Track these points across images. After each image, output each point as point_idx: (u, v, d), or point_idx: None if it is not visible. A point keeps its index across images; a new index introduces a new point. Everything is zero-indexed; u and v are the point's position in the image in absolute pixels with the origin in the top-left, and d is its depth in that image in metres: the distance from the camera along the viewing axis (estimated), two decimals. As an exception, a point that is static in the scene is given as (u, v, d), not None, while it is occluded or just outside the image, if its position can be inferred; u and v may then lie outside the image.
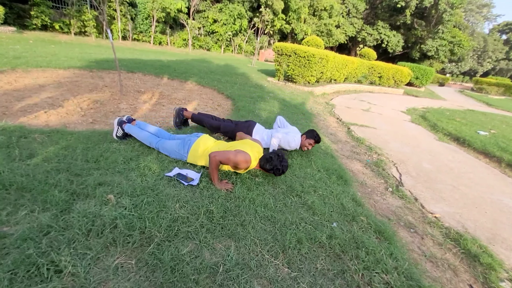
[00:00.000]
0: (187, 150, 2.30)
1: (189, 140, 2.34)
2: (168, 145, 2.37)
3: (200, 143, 2.30)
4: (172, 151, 2.35)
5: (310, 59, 7.66)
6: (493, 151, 4.61)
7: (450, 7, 21.22)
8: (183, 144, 2.33)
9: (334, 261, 1.60)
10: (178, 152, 2.32)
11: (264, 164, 2.20)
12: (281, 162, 2.17)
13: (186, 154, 2.30)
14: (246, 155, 2.10)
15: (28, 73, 4.45)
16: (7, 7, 9.73)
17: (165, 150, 2.38)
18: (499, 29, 43.65)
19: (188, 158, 2.31)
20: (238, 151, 2.11)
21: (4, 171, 1.74)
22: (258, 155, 2.29)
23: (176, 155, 2.34)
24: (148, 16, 14.34)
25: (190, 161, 2.32)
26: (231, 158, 2.06)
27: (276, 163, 2.16)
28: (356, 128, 5.05)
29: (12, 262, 1.17)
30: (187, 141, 2.33)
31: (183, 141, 2.35)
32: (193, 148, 2.28)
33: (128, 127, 2.53)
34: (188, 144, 2.31)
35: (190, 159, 2.31)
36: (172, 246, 1.44)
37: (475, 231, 2.32)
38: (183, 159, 2.33)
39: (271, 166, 2.17)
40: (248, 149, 2.17)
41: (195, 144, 2.30)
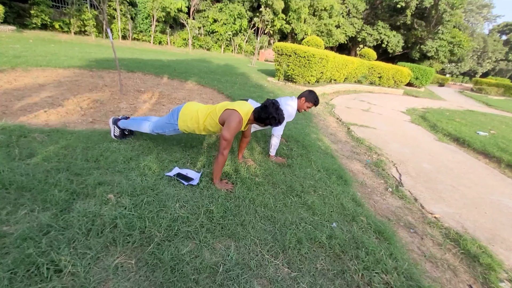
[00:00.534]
0: (176, 118, 2.22)
1: (177, 108, 2.28)
2: (159, 122, 2.34)
3: (188, 106, 2.24)
4: (164, 125, 2.30)
5: (310, 59, 7.66)
6: (492, 152, 4.62)
7: (450, 8, 21.23)
8: (171, 114, 2.27)
9: (334, 261, 1.61)
10: (169, 123, 2.26)
11: (259, 114, 2.05)
12: (277, 110, 2.03)
13: (176, 122, 2.22)
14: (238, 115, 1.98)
15: (28, 72, 4.45)
16: (7, 6, 9.72)
17: (158, 128, 2.34)
18: (499, 29, 43.69)
19: (179, 125, 2.21)
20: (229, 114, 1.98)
21: (4, 170, 1.73)
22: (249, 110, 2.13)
23: (169, 127, 2.28)
24: (148, 16, 14.33)
25: (181, 127, 2.22)
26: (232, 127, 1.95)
27: (272, 111, 2.02)
28: (356, 128, 5.06)
29: (12, 261, 1.17)
30: (175, 110, 2.27)
31: (172, 112, 2.30)
32: (181, 112, 2.21)
33: (122, 122, 2.52)
34: (177, 111, 2.24)
35: (180, 124, 2.20)
36: (172, 245, 1.44)
37: (475, 231, 2.32)
38: (175, 128, 2.25)
39: (267, 114, 2.02)
40: (236, 106, 2.04)
41: (183, 108, 2.23)
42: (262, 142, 3.23)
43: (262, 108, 2.06)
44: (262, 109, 2.05)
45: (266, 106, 2.04)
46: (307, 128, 4.23)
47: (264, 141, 3.26)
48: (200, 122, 2.14)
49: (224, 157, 2.01)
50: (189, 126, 2.20)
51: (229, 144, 1.99)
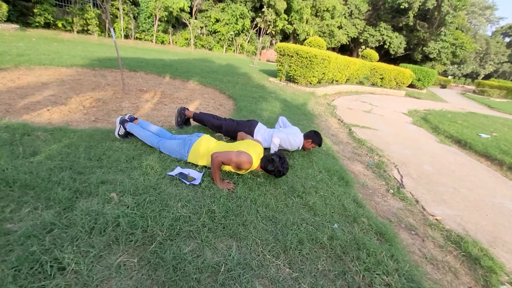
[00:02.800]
0: (187, 150, 2.30)
1: (190, 140, 2.35)
2: (168, 145, 2.38)
3: (201, 143, 2.31)
4: (172, 151, 2.36)
5: (312, 59, 7.66)
6: (494, 154, 4.61)
7: (453, 9, 21.18)
8: (183, 144, 2.34)
9: (335, 262, 1.61)
10: (179, 151, 2.33)
11: (265, 166, 2.21)
12: (282, 164, 2.18)
13: (186, 154, 2.31)
14: (248, 156, 2.11)
15: (31, 71, 4.47)
16: (11, 5, 9.76)
17: (165, 149, 2.39)
18: (502, 31, 43.54)
19: (188, 157, 2.31)
20: (240, 152, 2.12)
21: (8, 169, 1.75)
22: (260, 155, 2.29)
23: (177, 155, 2.35)
24: (151, 15, 14.36)
25: (190, 160, 2.32)
26: (233, 159, 2.06)
27: (277, 165, 2.17)
28: (358, 129, 5.05)
29: (16, 259, 1.18)
30: (188, 141, 2.34)
31: (184, 141, 2.36)
32: (193, 148, 2.29)
33: (130, 126, 2.54)
34: (189, 144, 2.32)
35: (190, 158, 2.31)
36: (174, 245, 1.44)
37: (476, 234, 2.32)
38: (184, 158, 2.34)
39: (273, 168, 2.17)
40: (250, 150, 2.18)
41: (196, 144, 2.30)
42: (263, 142, 3.24)
43: (268, 161, 2.19)
44: (269, 162, 2.19)
45: (273, 160, 2.17)
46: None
47: (265, 142, 3.27)
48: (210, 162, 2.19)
49: (216, 159, 2.05)
50: (198, 161, 2.30)
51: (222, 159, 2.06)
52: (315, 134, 3.00)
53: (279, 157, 2.20)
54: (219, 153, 2.07)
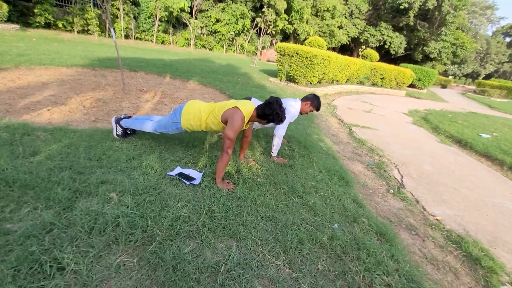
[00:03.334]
0: (179, 116, 2.24)
1: (179, 107, 2.29)
2: (162, 121, 2.35)
3: (189, 104, 2.26)
4: (167, 124, 2.32)
5: (312, 59, 7.66)
6: (495, 154, 4.60)
7: (454, 9, 21.16)
8: (174, 113, 2.29)
9: (335, 262, 1.61)
10: (172, 121, 2.28)
11: (263, 110, 2.05)
12: (280, 107, 2.04)
13: (179, 120, 2.24)
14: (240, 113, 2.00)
15: (31, 71, 4.47)
16: (11, 5, 9.76)
17: (161, 127, 2.36)
18: (503, 31, 43.49)
19: (181, 123, 2.23)
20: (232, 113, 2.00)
21: (8, 168, 1.75)
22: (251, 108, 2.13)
23: (172, 126, 2.29)
24: (151, 15, 14.36)
25: (184, 125, 2.23)
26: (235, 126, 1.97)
27: (275, 107, 2.02)
28: (358, 129, 5.05)
29: (15, 259, 1.17)
30: (178, 109, 2.29)
31: (174, 111, 2.32)
32: (184, 111, 2.22)
33: (125, 121, 2.53)
34: (179, 110, 2.26)
35: (183, 123, 2.22)
36: (174, 245, 1.44)
37: (477, 234, 2.31)
38: (178, 126, 2.27)
39: (271, 111, 2.02)
40: (238, 104, 2.05)
41: (186, 107, 2.24)
42: (263, 142, 3.23)
43: (266, 105, 2.06)
44: (266, 106, 2.05)
45: (270, 102, 2.04)
46: (309, 129, 4.23)
47: (265, 141, 3.27)
48: (203, 120, 2.15)
49: (228, 155, 2.02)
50: (192, 124, 2.22)
51: (233, 143, 2.01)
52: (313, 97, 2.82)
53: (276, 100, 2.06)
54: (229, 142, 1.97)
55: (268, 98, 2.12)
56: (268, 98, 2.11)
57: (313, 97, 2.81)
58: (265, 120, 2.12)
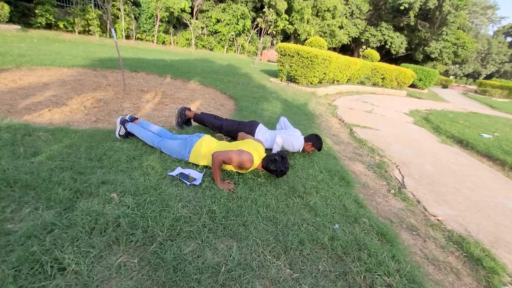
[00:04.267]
0: (189, 150, 2.30)
1: (191, 140, 2.34)
2: (170, 145, 2.37)
3: (203, 143, 2.31)
4: (174, 151, 2.36)
5: (313, 60, 7.65)
6: (496, 154, 4.59)
7: (455, 9, 21.13)
8: (184, 144, 2.33)
9: (336, 262, 1.60)
10: (180, 152, 2.33)
11: (267, 165, 2.22)
12: (284, 164, 2.19)
13: (188, 154, 2.31)
14: (249, 155, 2.11)
15: (33, 71, 4.48)
16: (12, 6, 9.79)
17: (167, 149, 2.39)
18: (504, 31, 43.39)
19: (190, 158, 2.31)
20: (241, 150, 2.12)
21: (9, 169, 1.75)
22: (261, 155, 2.29)
23: (178, 155, 2.35)
24: (152, 16, 14.39)
25: (192, 161, 2.32)
26: (234, 158, 2.06)
27: (280, 165, 2.18)
28: (359, 129, 5.04)
29: (16, 259, 1.18)
30: (189, 141, 2.34)
31: (185, 141, 2.36)
32: (195, 148, 2.29)
33: (131, 126, 2.54)
34: (190, 144, 2.32)
35: (192, 159, 2.31)
36: (174, 245, 1.44)
37: (478, 234, 2.30)
38: (185, 159, 2.33)
39: (275, 168, 2.19)
40: (251, 149, 2.18)
41: (197, 144, 2.30)
42: (264, 142, 3.23)
43: (271, 161, 2.20)
44: (272, 162, 2.20)
45: (275, 160, 2.19)
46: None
47: (266, 142, 3.26)
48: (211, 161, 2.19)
49: (217, 157, 2.04)
50: (200, 161, 2.30)
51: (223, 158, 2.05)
52: (316, 138, 2.99)
53: (281, 157, 2.21)
54: (220, 152, 2.07)
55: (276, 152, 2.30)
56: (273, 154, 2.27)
57: (315, 139, 2.99)
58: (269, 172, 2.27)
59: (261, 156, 2.28)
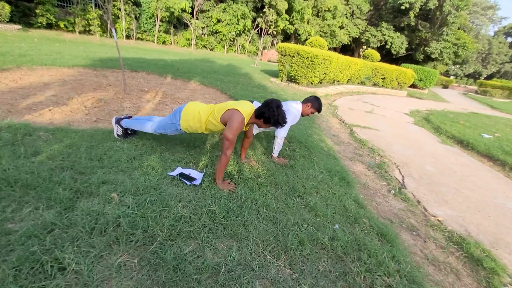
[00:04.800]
0: (178, 118, 2.23)
1: (179, 108, 2.29)
2: (162, 122, 2.35)
3: (189, 106, 2.25)
4: (166, 125, 2.31)
5: (313, 60, 7.65)
6: (497, 155, 4.58)
7: (455, 9, 21.11)
8: (173, 114, 2.29)
9: (336, 263, 1.60)
10: (171, 123, 2.27)
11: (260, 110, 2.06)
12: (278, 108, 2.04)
13: (178, 121, 2.23)
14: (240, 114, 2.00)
15: (33, 71, 4.49)
16: (13, 5, 9.80)
17: (161, 128, 2.35)
18: (505, 31, 43.33)
19: (181, 124, 2.22)
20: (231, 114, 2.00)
21: (9, 168, 1.75)
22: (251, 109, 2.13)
23: (172, 127, 2.29)
24: (152, 16, 14.40)
25: (183, 127, 2.23)
26: (234, 128, 1.96)
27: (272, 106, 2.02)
28: (359, 129, 5.04)
29: (16, 258, 1.18)
30: (177, 110, 2.29)
31: (174, 112, 2.31)
32: (183, 112, 2.21)
33: (125, 121, 2.53)
34: (178, 111, 2.26)
35: (183, 125, 2.22)
36: (174, 245, 1.44)
37: (478, 235, 2.30)
38: (177, 128, 2.26)
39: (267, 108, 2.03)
40: (238, 106, 2.06)
41: (185, 108, 2.24)
42: (264, 142, 3.23)
43: (264, 106, 2.07)
44: (263, 106, 2.07)
45: (267, 103, 2.06)
46: (309, 129, 4.23)
47: (267, 141, 3.27)
48: (202, 121, 2.15)
49: (227, 157, 2.01)
50: (191, 126, 2.21)
51: (232, 144, 2.00)
52: (314, 99, 2.80)
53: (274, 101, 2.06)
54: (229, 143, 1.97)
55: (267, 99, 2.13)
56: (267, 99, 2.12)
57: (313, 99, 2.80)
58: (261, 120, 2.10)
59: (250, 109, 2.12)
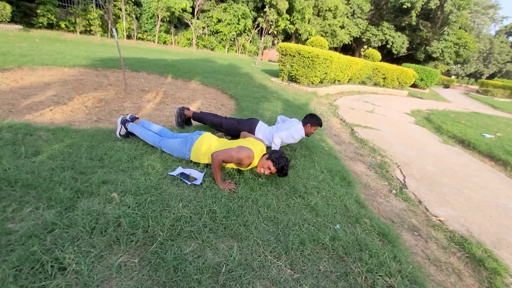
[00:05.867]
0: (189, 148, 2.29)
1: (191, 138, 2.33)
2: (170, 144, 2.37)
3: (203, 141, 2.30)
4: (174, 150, 2.35)
5: (314, 59, 7.64)
6: (498, 155, 4.56)
7: (456, 9, 21.03)
8: (185, 142, 2.32)
9: (337, 263, 1.60)
10: (181, 150, 2.32)
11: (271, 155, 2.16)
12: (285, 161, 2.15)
13: (188, 152, 2.29)
14: (249, 151, 2.10)
15: (34, 71, 4.49)
16: (14, 6, 9.82)
17: (167, 148, 2.38)
18: (506, 31, 43.15)
19: (191, 156, 2.30)
20: (240, 147, 2.11)
21: (10, 168, 1.75)
22: (261, 152, 2.27)
23: (179, 154, 2.34)
24: (153, 15, 14.40)
25: (193, 159, 2.31)
26: (233, 155, 2.05)
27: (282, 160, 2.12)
28: (360, 129, 5.03)
29: (17, 258, 1.17)
30: (189, 139, 2.33)
31: (185, 139, 2.35)
32: (195, 146, 2.28)
33: (132, 126, 2.54)
34: (190, 142, 2.30)
35: (193, 157, 2.30)
36: (175, 245, 1.44)
37: (480, 235, 2.29)
38: (186, 157, 2.33)
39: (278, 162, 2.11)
40: (251, 146, 2.17)
41: (198, 142, 2.29)
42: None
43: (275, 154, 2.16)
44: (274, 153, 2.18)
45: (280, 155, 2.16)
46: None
47: (267, 142, 3.25)
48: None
49: (217, 158, 2.03)
50: (201, 159, 2.28)
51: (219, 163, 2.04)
52: (311, 117, 2.93)
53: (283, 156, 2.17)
54: (219, 152, 2.06)
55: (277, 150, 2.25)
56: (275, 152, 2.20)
57: (310, 118, 2.93)
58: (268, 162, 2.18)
59: (261, 153, 2.26)
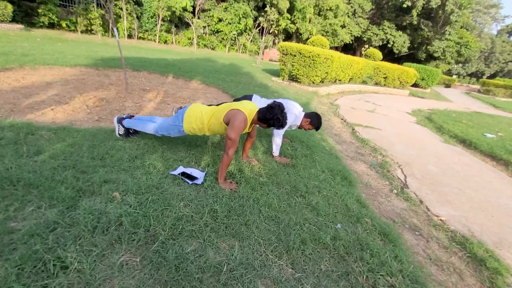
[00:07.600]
0: (181, 119, 2.24)
1: (182, 110, 2.29)
2: (164, 123, 2.36)
3: (192, 108, 2.26)
4: (169, 127, 2.32)
5: (315, 59, 7.63)
6: (500, 154, 4.55)
7: (458, 8, 20.94)
8: (176, 116, 2.29)
9: (338, 262, 1.60)
10: (174, 124, 2.28)
11: (264, 114, 2.04)
12: (281, 113, 2.03)
13: (181, 123, 2.23)
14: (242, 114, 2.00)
15: (36, 71, 4.50)
16: (15, 5, 9.83)
17: (164, 130, 2.35)
18: (508, 30, 42.97)
19: (184, 126, 2.23)
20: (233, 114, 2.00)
21: (12, 167, 1.76)
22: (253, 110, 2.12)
23: (174, 129, 2.29)
24: (154, 15, 14.40)
25: (186, 129, 2.23)
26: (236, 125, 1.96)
27: (277, 112, 2.01)
28: (361, 129, 5.02)
29: (19, 257, 1.18)
30: (180, 112, 2.29)
31: (177, 114, 2.32)
32: (186, 114, 2.22)
33: (127, 121, 2.54)
34: (182, 114, 2.26)
35: (185, 126, 2.22)
36: (176, 244, 1.44)
37: (481, 235, 2.29)
38: (180, 130, 2.26)
39: (271, 115, 2.01)
40: (240, 106, 2.05)
41: (188, 110, 2.24)
42: (265, 142, 3.23)
43: (267, 109, 2.05)
44: (268, 110, 2.04)
45: (272, 107, 2.04)
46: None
47: (267, 141, 3.26)
48: (205, 123, 2.15)
49: (229, 157, 2.01)
50: (194, 127, 2.22)
51: (234, 144, 1.99)
52: (316, 116, 2.79)
53: (278, 105, 2.05)
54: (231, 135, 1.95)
55: (271, 102, 2.12)
56: (270, 103, 2.11)
57: (315, 116, 2.79)
58: (265, 124, 2.10)
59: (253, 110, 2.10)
